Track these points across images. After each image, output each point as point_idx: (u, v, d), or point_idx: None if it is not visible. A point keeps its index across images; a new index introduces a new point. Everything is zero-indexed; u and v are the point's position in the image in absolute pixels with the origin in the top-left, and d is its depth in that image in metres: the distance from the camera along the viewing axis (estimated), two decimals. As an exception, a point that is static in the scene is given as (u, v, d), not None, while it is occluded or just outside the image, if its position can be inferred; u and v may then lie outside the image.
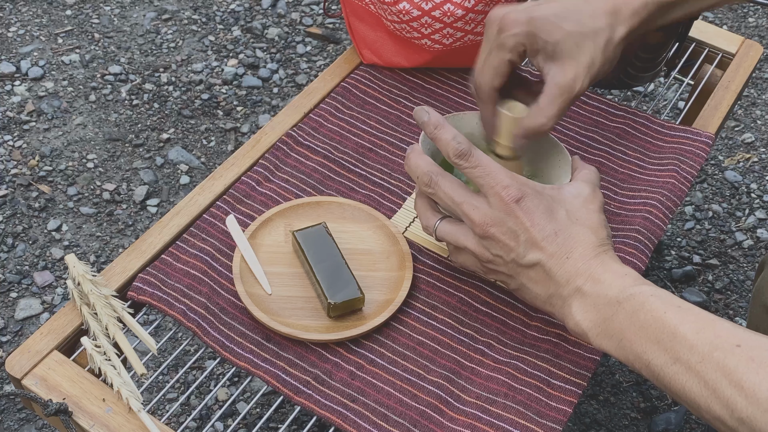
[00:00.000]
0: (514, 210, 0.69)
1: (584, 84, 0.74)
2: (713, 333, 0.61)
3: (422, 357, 0.76)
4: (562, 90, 0.74)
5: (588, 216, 0.71)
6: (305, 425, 0.73)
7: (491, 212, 0.70)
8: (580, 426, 1.19)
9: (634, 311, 0.64)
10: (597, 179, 0.75)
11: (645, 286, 0.66)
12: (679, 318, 0.62)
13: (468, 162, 0.71)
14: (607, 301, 0.66)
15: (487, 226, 0.70)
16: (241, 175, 0.89)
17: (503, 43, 0.74)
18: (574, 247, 0.68)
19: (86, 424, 0.71)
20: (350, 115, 0.95)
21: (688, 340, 0.61)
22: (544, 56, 0.74)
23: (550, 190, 0.72)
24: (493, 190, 0.69)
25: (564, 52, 0.73)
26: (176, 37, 1.71)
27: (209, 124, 1.55)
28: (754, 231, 1.44)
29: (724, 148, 1.58)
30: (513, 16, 0.74)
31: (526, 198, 0.69)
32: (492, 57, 0.75)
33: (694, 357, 0.60)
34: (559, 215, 0.70)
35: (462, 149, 0.71)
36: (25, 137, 1.50)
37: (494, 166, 0.70)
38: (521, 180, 0.70)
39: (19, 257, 1.34)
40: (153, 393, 1.19)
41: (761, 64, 1.75)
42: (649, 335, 0.63)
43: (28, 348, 0.75)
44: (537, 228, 0.69)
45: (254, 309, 0.76)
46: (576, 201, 0.71)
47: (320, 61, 1.69)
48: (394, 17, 0.92)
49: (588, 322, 0.67)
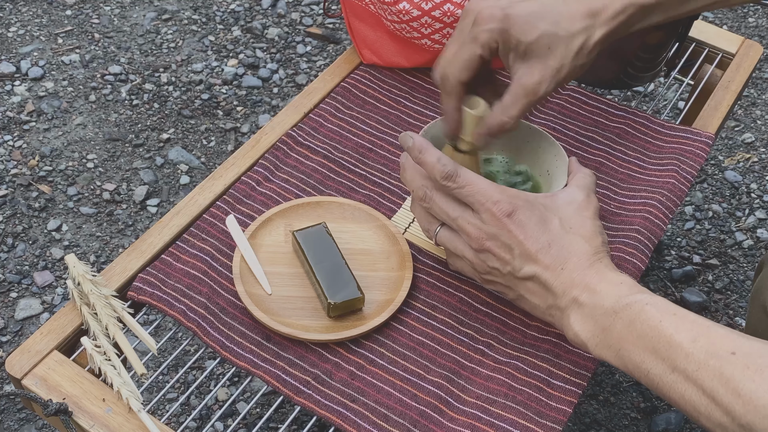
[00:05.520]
0: (506, 224, 0.69)
1: (549, 88, 0.74)
2: (709, 340, 0.61)
3: (422, 357, 0.76)
4: (526, 91, 0.73)
5: (582, 224, 0.70)
6: (305, 425, 0.73)
7: (485, 227, 0.70)
8: (580, 426, 1.19)
9: (631, 321, 0.64)
10: (592, 184, 0.74)
11: (640, 295, 0.66)
12: (675, 326, 0.63)
13: (455, 182, 0.71)
14: (604, 311, 0.66)
15: (482, 240, 0.70)
16: (241, 175, 0.89)
17: (476, 36, 0.73)
18: (568, 257, 0.69)
19: (86, 424, 0.71)
20: (350, 115, 0.95)
21: (684, 349, 0.61)
22: (514, 55, 0.74)
23: (542, 198, 0.72)
24: (483, 207, 0.70)
25: (534, 54, 0.73)
26: (176, 37, 1.71)
27: (209, 124, 1.55)
28: (754, 231, 1.44)
29: (724, 148, 1.58)
30: (489, 11, 0.73)
31: (517, 211, 0.69)
32: (463, 50, 0.74)
33: (690, 365, 0.60)
34: (553, 225, 0.70)
35: (447, 171, 0.71)
36: (25, 137, 1.50)
37: (482, 183, 0.70)
38: (511, 193, 0.70)
39: (19, 257, 1.34)
40: (153, 393, 1.19)
41: (761, 64, 1.75)
42: (647, 345, 0.63)
43: (28, 348, 0.75)
44: (530, 240, 0.69)
45: (254, 309, 0.76)
46: (569, 208, 0.71)
47: (320, 61, 1.69)
48: (394, 17, 0.92)
49: (586, 332, 0.67)
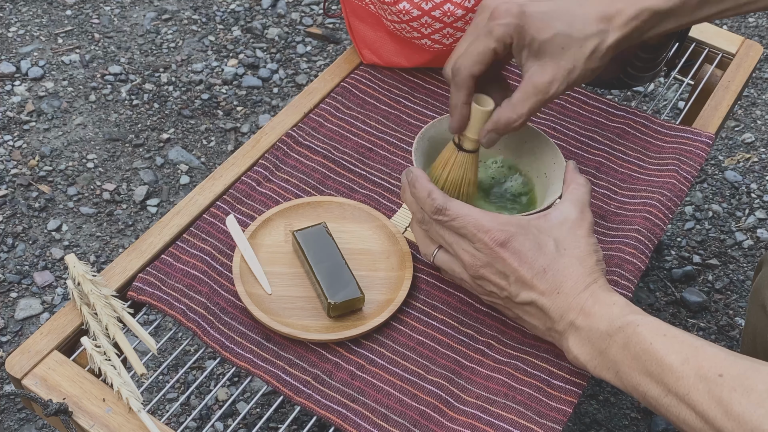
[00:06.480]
0: (499, 253, 0.69)
1: (560, 89, 0.74)
2: (697, 363, 0.61)
3: (422, 357, 0.76)
4: (537, 90, 0.73)
5: (576, 244, 0.71)
6: (305, 425, 0.73)
7: (480, 255, 0.71)
8: (580, 426, 1.19)
9: (625, 344, 0.65)
10: (586, 196, 0.74)
11: (632, 316, 0.66)
12: (666, 347, 0.63)
13: (445, 216, 0.71)
14: (600, 334, 0.67)
15: (478, 268, 0.71)
16: (241, 175, 0.89)
17: (491, 30, 0.73)
18: (563, 281, 0.69)
19: (86, 424, 0.71)
20: (350, 115, 0.95)
21: (674, 372, 0.62)
22: (528, 53, 0.74)
23: (535, 220, 0.72)
24: (476, 237, 0.70)
25: (548, 53, 0.73)
26: (176, 37, 1.71)
27: (209, 124, 1.55)
28: (754, 231, 1.44)
29: (724, 148, 1.58)
30: (506, 6, 0.73)
31: (511, 239, 0.69)
32: (477, 43, 0.74)
33: (681, 388, 0.61)
34: (548, 248, 0.70)
35: (437, 205, 0.71)
36: (25, 137, 1.50)
37: (473, 214, 0.70)
38: (502, 220, 0.70)
39: (19, 257, 1.34)
40: (153, 393, 1.19)
41: (761, 64, 1.75)
42: (641, 367, 0.64)
43: (28, 348, 0.75)
44: (525, 267, 0.69)
45: (254, 309, 0.76)
46: (563, 228, 0.71)
47: (320, 61, 1.69)
48: (394, 17, 0.92)
49: (585, 355, 0.68)
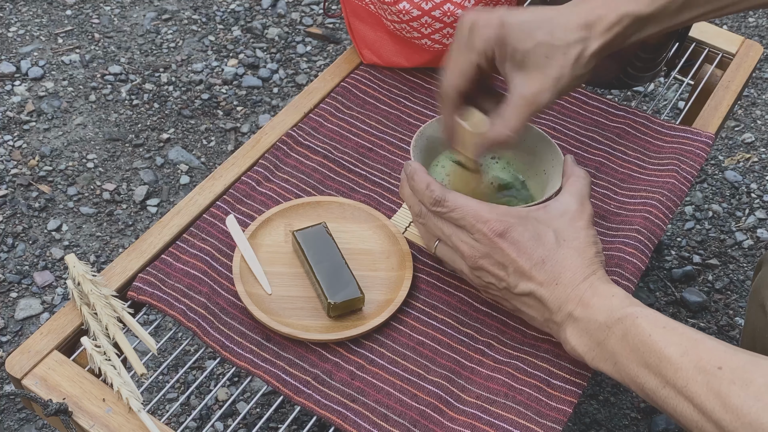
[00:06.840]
0: (498, 243, 0.69)
1: (549, 98, 0.72)
2: (697, 355, 0.61)
3: (422, 357, 0.76)
4: (526, 101, 0.72)
5: (575, 235, 0.70)
6: (305, 425, 0.73)
7: (478, 246, 0.70)
8: (580, 426, 1.19)
9: (624, 335, 0.65)
10: (586, 188, 0.74)
11: (631, 308, 0.66)
12: (665, 339, 0.63)
13: (444, 207, 0.71)
14: (598, 326, 0.67)
15: (476, 259, 0.71)
16: (241, 175, 0.89)
17: (472, 44, 0.73)
18: (562, 272, 0.69)
19: (86, 424, 0.71)
20: (350, 115, 0.95)
21: (673, 363, 0.62)
22: (511, 64, 0.73)
23: (534, 211, 0.71)
24: (475, 228, 0.70)
25: (532, 63, 0.72)
26: (176, 37, 1.71)
27: (209, 124, 1.55)
28: (754, 231, 1.44)
29: (724, 148, 1.58)
30: (486, 19, 0.72)
31: (510, 229, 0.69)
32: (459, 58, 0.74)
33: (680, 380, 0.61)
34: (547, 239, 0.70)
35: (435, 197, 0.71)
36: (25, 137, 1.50)
37: (472, 204, 0.70)
38: (501, 211, 0.70)
39: (19, 257, 1.34)
40: (153, 393, 1.19)
41: (761, 64, 1.75)
42: (639, 359, 0.64)
43: (28, 348, 0.75)
44: (524, 258, 0.69)
45: (254, 309, 0.76)
46: (563, 220, 0.71)
47: (320, 61, 1.69)
48: (394, 17, 0.92)
49: (583, 346, 0.68)
